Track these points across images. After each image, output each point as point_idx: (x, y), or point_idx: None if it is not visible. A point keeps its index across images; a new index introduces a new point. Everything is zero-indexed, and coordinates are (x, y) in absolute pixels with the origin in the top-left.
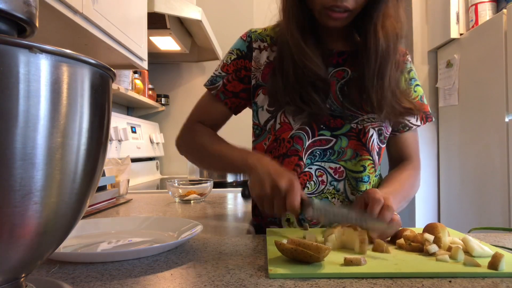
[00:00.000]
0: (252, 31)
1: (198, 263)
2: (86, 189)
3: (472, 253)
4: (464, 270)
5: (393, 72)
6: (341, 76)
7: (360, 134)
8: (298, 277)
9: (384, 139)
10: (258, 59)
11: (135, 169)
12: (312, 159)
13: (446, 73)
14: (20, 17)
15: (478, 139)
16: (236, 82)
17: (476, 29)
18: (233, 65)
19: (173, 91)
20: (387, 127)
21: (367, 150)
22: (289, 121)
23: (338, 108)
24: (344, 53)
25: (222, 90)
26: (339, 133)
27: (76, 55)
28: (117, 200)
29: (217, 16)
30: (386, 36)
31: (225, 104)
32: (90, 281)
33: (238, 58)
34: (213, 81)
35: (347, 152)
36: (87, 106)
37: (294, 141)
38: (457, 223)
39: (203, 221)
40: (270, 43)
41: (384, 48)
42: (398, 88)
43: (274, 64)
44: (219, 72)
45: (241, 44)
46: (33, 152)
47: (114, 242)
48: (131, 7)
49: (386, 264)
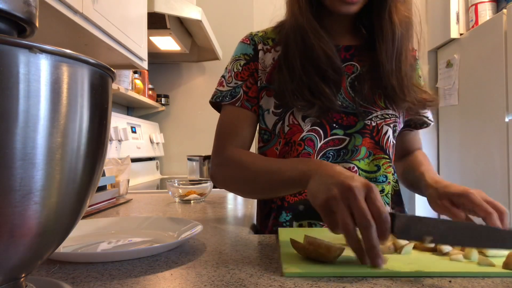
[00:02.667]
0: (253, 34)
1: (198, 263)
2: (86, 189)
3: (486, 253)
4: (478, 270)
5: (409, 60)
6: (350, 71)
7: (374, 132)
8: (310, 275)
9: (397, 136)
10: (264, 60)
11: (135, 169)
12: (326, 161)
13: (446, 73)
14: (20, 17)
15: (478, 139)
16: (255, 87)
17: (476, 29)
18: (246, 70)
19: (173, 91)
20: (400, 123)
21: (382, 149)
22: (298, 123)
23: (351, 105)
24: (351, 47)
25: (246, 98)
26: (352, 131)
27: (76, 55)
28: (117, 200)
29: (217, 16)
30: (400, 21)
31: (254, 112)
32: (90, 281)
33: (248, 62)
34: (233, 94)
35: (361, 151)
36: (87, 106)
37: (305, 143)
38: None
39: (203, 221)
40: (272, 44)
41: (400, 32)
42: (412, 78)
43: (279, 62)
44: (235, 82)
45: (245, 48)
46: (33, 152)
47: (114, 242)
48: (131, 7)
49: (399, 264)
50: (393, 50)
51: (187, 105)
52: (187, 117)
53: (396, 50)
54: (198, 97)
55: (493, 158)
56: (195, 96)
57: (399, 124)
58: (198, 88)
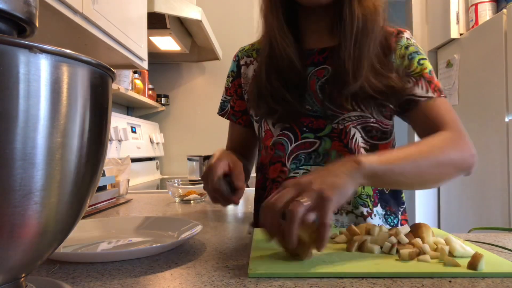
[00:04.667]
0: (240, 49)
1: (198, 263)
2: (86, 189)
3: (454, 253)
4: (445, 270)
5: (373, 48)
6: (322, 75)
7: (342, 135)
8: (277, 276)
9: (383, 134)
10: (246, 74)
11: (135, 169)
12: (297, 164)
13: (446, 73)
14: (20, 17)
15: (478, 139)
16: (240, 101)
17: (476, 29)
18: (233, 87)
19: (173, 91)
20: (382, 122)
21: (350, 151)
22: (269, 128)
23: (320, 108)
24: (325, 50)
25: (232, 112)
26: (322, 135)
27: (76, 55)
28: (117, 200)
29: (217, 16)
30: (363, 8)
31: (239, 124)
32: (90, 281)
33: (234, 79)
34: (222, 107)
35: (332, 154)
36: (87, 106)
37: (276, 147)
38: (457, 223)
39: (203, 221)
40: (255, 56)
41: (360, 19)
42: (378, 63)
43: (254, 72)
44: (224, 97)
45: (233, 66)
46: (33, 152)
47: (114, 242)
48: (131, 7)
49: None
50: (351, 37)
51: (187, 105)
52: (187, 117)
53: (355, 38)
54: (198, 97)
55: (493, 158)
56: (195, 96)
57: (379, 123)
58: (198, 88)
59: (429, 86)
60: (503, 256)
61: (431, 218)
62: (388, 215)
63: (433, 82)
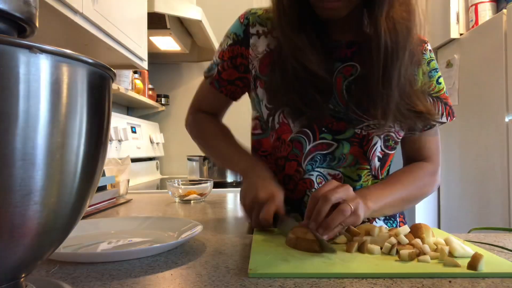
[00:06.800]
0: (251, 12)
1: (198, 263)
2: (86, 189)
3: (454, 254)
4: (445, 270)
5: (404, 72)
6: (349, 73)
7: (364, 141)
8: (277, 276)
9: (395, 144)
10: (256, 46)
11: (135, 169)
12: (313, 165)
13: (446, 73)
14: (20, 17)
15: (478, 139)
16: (232, 70)
17: (476, 29)
18: (229, 52)
19: (173, 91)
20: (398, 132)
21: (366, 159)
22: (288, 123)
23: (343, 109)
24: (354, 44)
25: (217, 78)
26: (341, 138)
27: (76, 55)
28: (117, 200)
29: (217, 16)
30: (392, 30)
31: (220, 92)
32: (90, 281)
33: (234, 44)
34: (210, 69)
35: (348, 158)
36: (87, 106)
37: (293, 145)
38: (457, 223)
39: (203, 221)
40: (271, 28)
41: (389, 45)
42: (412, 88)
43: (274, 57)
44: (216, 58)
45: (238, 27)
46: (33, 152)
47: (114, 242)
48: (131, 7)
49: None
50: (378, 67)
51: (187, 105)
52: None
53: (383, 68)
54: None
55: (493, 158)
56: None
57: (396, 132)
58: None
59: (445, 110)
60: (503, 256)
61: (431, 218)
62: (388, 220)
63: (448, 104)
